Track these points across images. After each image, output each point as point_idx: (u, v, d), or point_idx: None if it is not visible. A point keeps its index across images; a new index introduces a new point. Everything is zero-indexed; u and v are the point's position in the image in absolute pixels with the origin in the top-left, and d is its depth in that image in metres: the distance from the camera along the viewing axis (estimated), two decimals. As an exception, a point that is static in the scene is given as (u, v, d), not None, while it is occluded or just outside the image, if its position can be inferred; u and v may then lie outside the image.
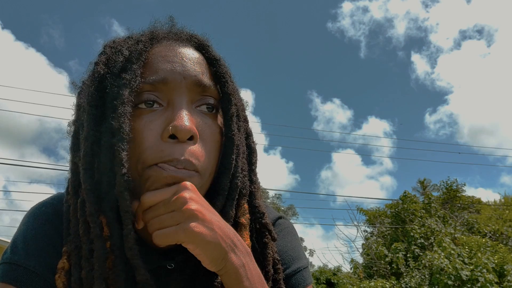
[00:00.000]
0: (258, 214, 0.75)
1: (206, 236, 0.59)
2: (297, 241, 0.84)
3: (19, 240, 0.69)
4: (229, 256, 0.61)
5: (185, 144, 0.63)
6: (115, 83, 0.64)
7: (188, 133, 0.62)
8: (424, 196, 13.78)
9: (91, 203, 0.62)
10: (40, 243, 0.68)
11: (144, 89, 0.65)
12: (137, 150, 0.63)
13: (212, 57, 0.71)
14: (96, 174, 0.63)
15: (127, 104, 0.62)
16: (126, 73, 0.64)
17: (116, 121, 0.61)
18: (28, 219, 0.72)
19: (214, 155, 0.68)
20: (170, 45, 0.70)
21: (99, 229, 0.61)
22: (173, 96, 0.65)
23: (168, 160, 0.62)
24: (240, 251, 0.62)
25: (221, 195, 0.68)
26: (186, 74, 0.66)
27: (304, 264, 0.80)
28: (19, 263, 0.66)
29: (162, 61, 0.67)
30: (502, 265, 10.25)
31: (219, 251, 0.60)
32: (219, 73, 0.70)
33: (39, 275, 0.66)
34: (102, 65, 0.67)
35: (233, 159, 0.69)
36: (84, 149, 0.64)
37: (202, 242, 0.59)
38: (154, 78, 0.65)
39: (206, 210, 0.61)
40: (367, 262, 13.21)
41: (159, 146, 0.63)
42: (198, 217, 0.59)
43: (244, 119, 0.77)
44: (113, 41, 0.71)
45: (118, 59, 0.66)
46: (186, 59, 0.68)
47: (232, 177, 0.70)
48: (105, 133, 0.62)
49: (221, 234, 0.60)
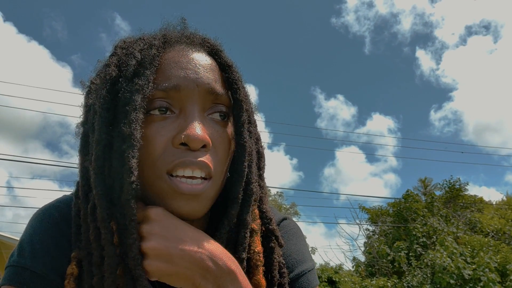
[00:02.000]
0: (266, 219, 0.74)
1: (162, 271, 0.59)
2: (302, 242, 0.83)
3: (25, 243, 0.69)
4: (198, 283, 0.60)
5: (198, 152, 0.63)
6: (127, 88, 0.63)
7: (201, 142, 0.62)
8: (427, 195, 13.77)
9: (103, 208, 0.61)
10: (47, 246, 0.68)
11: (156, 96, 0.64)
12: (149, 157, 0.62)
13: (225, 63, 0.71)
14: (107, 179, 0.63)
15: (139, 110, 0.61)
16: (139, 78, 0.63)
17: (127, 127, 0.60)
18: (34, 222, 0.71)
19: (225, 162, 0.67)
20: (183, 50, 0.69)
21: (110, 236, 0.61)
22: (186, 104, 0.64)
23: (181, 162, 0.62)
24: (212, 275, 0.60)
25: (235, 203, 0.68)
26: (199, 81, 0.65)
27: (309, 267, 0.80)
28: (25, 266, 0.66)
29: (175, 67, 0.66)
30: (504, 264, 10.26)
31: (184, 281, 0.60)
32: (231, 80, 0.70)
33: (45, 278, 0.65)
34: (114, 67, 0.66)
35: (245, 167, 0.69)
36: (96, 152, 0.63)
37: (161, 277, 0.60)
38: (166, 85, 0.64)
39: (166, 242, 0.60)
40: (369, 261, 13.24)
41: (171, 151, 0.62)
42: (153, 254, 0.59)
43: (254, 124, 0.77)
44: (123, 42, 0.70)
45: (131, 62, 0.65)
46: (200, 66, 0.67)
47: (246, 184, 0.69)
48: (116, 138, 0.62)
49: (185, 264, 0.60)
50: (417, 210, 12.56)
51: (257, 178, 0.73)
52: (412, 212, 12.63)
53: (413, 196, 13.19)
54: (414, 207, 12.65)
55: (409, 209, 12.70)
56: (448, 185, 14.94)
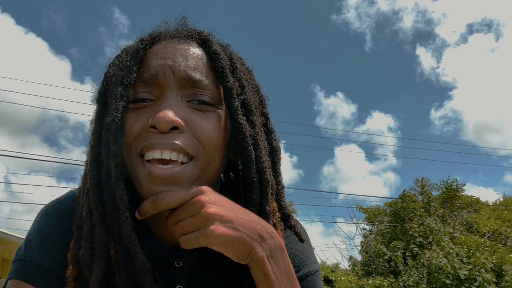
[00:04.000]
0: (284, 216, 0.75)
1: (228, 236, 0.60)
2: (308, 245, 0.84)
3: (33, 237, 0.70)
4: (255, 250, 0.62)
5: (169, 133, 0.64)
6: (111, 80, 0.67)
7: (169, 124, 0.62)
8: (424, 195, 13.80)
9: (94, 191, 0.65)
10: (54, 241, 0.69)
11: (139, 88, 0.67)
12: (127, 142, 0.65)
13: (213, 51, 0.71)
14: (99, 166, 0.66)
15: (120, 99, 0.65)
16: (122, 70, 0.67)
17: (109, 116, 0.64)
18: (41, 217, 0.72)
19: (211, 143, 0.66)
20: (169, 42, 0.71)
21: (100, 216, 0.64)
22: (163, 91, 0.66)
23: (148, 144, 0.63)
24: (268, 244, 0.63)
25: (254, 187, 0.68)
26: (175, 68, 0.67)
27: (315, 268, 0.80)
28: (32, 260, 0.67)
29: (155, 58, 0.69)
30: (500, 265, 10.30)
31: (244, 247, 0.61)
32: (218, 68, 0.70)
33: (52, 272, 0.66)
34: (113, 66, 0.70)
35: (251, 151, 0.68)
36: (91, 142, 0.68)
37: (225, 243, 0.60)
38: (146, 75, 0.67)
39: (226, 209, 0.62)
40: (366, 260, 13.26)
41: (143, 135, 0.64)
42: (217, 219, 0.60)
43: (262, 114, 0.77)
44: (128, 45, 0.73)
45: (124, 59, 0.69)
46: (179, 54, 0.69)
47: (259, 171, 0.69)
48: (104, 128, 0.66)
49: (245, 231, 0.61)
50: (414, 210, 12.58)
51: (270, 170, 0.72)
52: (409, 212, 12.65)
53: (410, 196, 13.21)
54: (411, 207, 12.68)
55: (406, 209, 12.72)
56: (445, 185, 14.98)
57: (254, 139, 0.70)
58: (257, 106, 0.75)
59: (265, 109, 0.79)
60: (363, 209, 14.86)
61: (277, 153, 0.77)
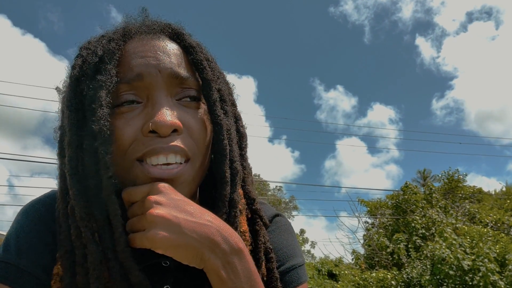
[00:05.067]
0: (249, 200, 0.74)
1: (171, 241, 0.57)
2: (293, 238, 0.83)
3: (11, 238, 0.68)
4: (207, 257, 0.59)
5: (169, 136, 0.62)
6: (91, 85, 0.63)
7: (170, 127, 0.62)
8: (425, 187, 13.79)
9: (81, 207, 0.62)
10: (32, 242, 0.67)
11: (122, 89, 0.64)
12: (119, 149, 0.62)
13: (188, 44, 0.70)
14: (82, 179, 0.63)
15: (105, 106, 0.61)
16: (101, 74, 0.63)
17: (96, 124, 0.60)
18: (20, 217, 0.71)
19: (203, 143, 0.67)
20: (143, 39, 0.69)
21: (90, 234, 0.61)
22: (151, 92, 0.64)
23: (151, 150, 0.62)
24: (221, 249, 0.59)
25: (225, 183, 0.67)
26: (161, 67, 0.65)
27: (299, 262, 0.79)
28: (10, 261, 0.65)
29: (135, 57, 0.66)
30: (503, 254, 10.29)
31: (192, 254, 0.58)
32: (196, 60, 0.69)
33: (30, 274, 0.65)
34: (78, 68, 0.66)
35: (226, 145, 0.68)
36: (69, 154, 0.64)
37: (168, 248, 0.58)
38: (129, 76, 0.64)
39: (176, 212, 0.59)
40: (369, 253, 13.28)
41: (140, 140, 0.62)
42: (161, 222, 0.58)
43: (231, 103, 0.76)
44: (88, 42, 0.70)
45: (93, 60, 0.65)
46: (160, 51, 0.67)
47: (230, 163, 0.68)
48: (87, 137, 0.62)
49: (194, 236, 0.58)
50: (416, 202, 12.58)
51: (239, 157, 0.72)
52: (411, 204, 12.65)
53: (412, 188, 13.20)
54: (413, 199, 12.67)
55: (408, 201, 12.71)
56: (447, 176, 14.96)
57: (228, 131, 0.69)
58: (228, 95, 0.74)
59: (232, 97, 0.78)
60: (365, 202, 14.85)
61: (244, 139, 0.76)
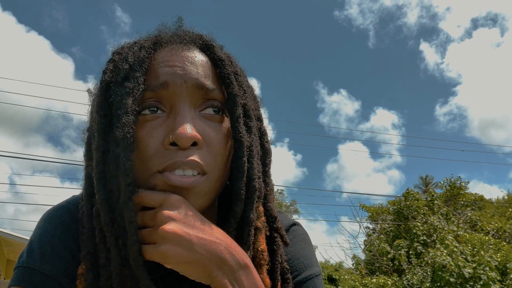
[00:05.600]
0: (270, 218, 0.74)
1: (182, 258, 0.59)
2: (310, 248, 0.83)
3: (35, 244, 0.69)
4: (215, 274, 0.60)
5: (189, 150, 0.63)
6: (118, 91, 0.64)
7: (190, 140, 0.62)
8: (427, 193, 13.75)
9: (105, 212, 0.62)
10: (56, 248, 0.68)
11: (147, 96, 0.65)
12: (142, 159, 0.63)
13: (217, 57, 0.70)
14: (107, 184, 0.64)
15: (131, 113, 0.62)
16: (129, 81, 0.64)
17: (120, 131, 0.61)
18: (43, 223, 0.72)
19: (222, 158, 0.67)
20: (173, 49, 0.69)
21: (114, 238, 0.62)
22: (175, 101, 0.65)
23: (171, 164, 0.62)
24: (229, 267, 0.60)
25: (239, 200, 0.67)
26: (187, 77, 0.65)
27: (316, 272, 0.79)
28: (34, 267, 0.66)
29: (163, 66, 0.66)
30: (505, 263, 10.24)
31: (200, 270, 0.60)
32: (224, 74, 0.69)
33: (54, 279, 0.65)
34: (109, 73, 0.67)
35: (245, 162, 0.68)
36: (96, 159, 0.64)
37: (178, 264, 0.59)
38: (155, 83, 0.65)
39: (188, 228, 0.60)
40: (369, 259, 13.23)
41: (162, 153, 0.63)
42: (173, 239, 0.59)
43: (257, 118, 0.76)
44: (121, 47, 0.71)
45: (123, 66, 0.66)
46: (188, 62, 0.67)
47: (248, 180, 0.68)
48: (112, 142, 0.63)
49: (203, 253, 0.59)
50: (417, 208, 12.54)
51: (260, 174, 0.72)
52: (412, 210, 12.61)
53: (413, 194, 13.17)
54: (415, 205, 12.63)
55: (409, 207, 12.67)
56: (449, 183, 14.92)
57: (250, 147, 0.69)
58: (254, 110, 0.75)
59: (259, 111, 0.78)
60: (366, 207, 14.81)
61: (268, 156, 0.76)
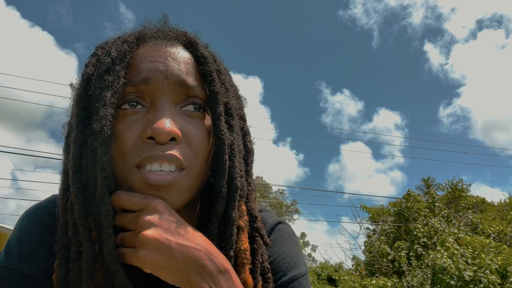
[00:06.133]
0: (251, 217, 0.73)
1: (159, 263, 0.59)
2: (296, 247, 0.82)
3: (13, 243, 0.68)
4: (193, 280, 0.60)
5: (167, 144, 0.62)
6: (98, 85, 0.64)
7: (168, 135, 0.61)
8: (428, 195, 13.73)
9: (79, 205, 0.62)
10: (34, 246, 0.67)
11: (128, 91, 0.65)
12: (120, 153, 0.63)
13: (200, 55, 0.70)
14: (83, 177, 0.63)
15: (109, 106, 0.62)
16: (109, 74, 0.64)
17: (97, 123, 0.61)
18: (22, 222, 0.71)
19: (202, 155, 0.66)
20: (156, 44, 0.69)
21: (87, 232, 0.62)
22: (156, 97, 0.65)
23: (148, 156, 0.62)
24: (209, 272, 0.60)
25: (220, 198, 0.67)
26: (168, 73, 0.65)
27: (302, 272, 0.79)
28: (12, 266, 0.65)
29: (145, 61, 0.66)
30: (505, 266, 10.23)
31: (178, 276, 0.60)
32: (206, 71, 0.69)
33: (32, 278, 0.65)
34: (91, 66, 0.67)
35: (226, 160, 0.68)
36: (73, 151, 0.64)
37: (156, 269, 0.59)
38: (136, 78, 0.65)
39: (167, 234, 0.60)
40: (369, 260, 13.23)
41: (139, 146, 0.63)
42: (151, 244, 0.59)
43: (240, 117, 0.76)
44: (105, 42, 0.71)
45: (105, 60, 0.66)
46: (170, 58, 0.67)
47: (230, 178, 0.68)
48: (89, 135, 0.63)
49: (182, 259, 0.59)
50: (418, 210, 12.53)
51: (243, 173, 0.72)
52: (413, 212, 12.60)
53: (414, 196, 13.16)
54: (416, 207, 12.62)
55: (410, 209, 12.67)
56: (451, 185, 14.90)
57: (231, 145, 0.69)
58: (236, 109, 0.74)
59: (242, 111, 0.78)
60: (367, 208, 14.81)
61: (251, 155, 0.76)
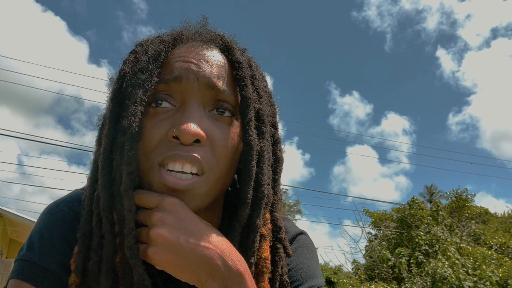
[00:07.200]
0: (275, 227, 0.73)
1: (169, 261, 0.59)
2: (314, 258, 0.82)
3: (35, 238, 0.69)
4: (205, 280, 0.60)
5: (191, 146, 0.63)
6: (131, 82, 0.65)
7: (192, 137, 0.61)
8: (432, 203, 13.66)
9: (105, 199, 0.63)
10: (56, 242, 0.68)
11: (159, 89, 0.65)
12: (145, 149, 0.64)
13: (235, 59, 0.70)
14: (112, 171, 0.64)
15: (139, 103, 0.63)
16: (143, 73, 0.64)
17: (126, 120, 0.62)
18: (44, 217, 0.72)
19: (225, 159, 0.66)
20: (192, 46, 0.69)
21: (110, 225, 0.63)
22: (186, 97, 0.65)
23: (171, 155, 0.62)
24: (221, 274, 0.59)
25: (244, 204, 0.66)
26: (199, 74, 0.66)
27: (318, 283, 0.78)
28: (34, 260, 0.66)
29: (179, 60, 0.67)
30: (506, 279, 10.16)
31: (189, 275, 0.60)
32: (240, 77, 0.69)
33: (54, 273, 0.66)
34: (128, 63, 0.68)
35: (253, 166, 0.67)
36: (104, 146, 0.65)
37: (165, 267, 0.60)
38: (168, 76, 0.66)
39: (178, 232, 0.60)
40: (369, 264, 13.19)
41: (164, 144, 0.63)
42: (160, 243, 0.59)
43: (272, 125, 0.76)
44: (145, 40, 0.72)
45: (142, 58, 0.66)
46: (204, 60, 0.67)
47: (256, 185, 0.68)
48: (119, 131, 0.63)
49: (192, 258, 0.59)
50: (421, 217, 12.47)
51: (270, 181, 0.71)
52: (416, 219, 12.54)
53: (419, 203, 13.09)
54: (419, 215, 12.56)
55: (414, 216, 12.61)
56: (455, 194, 14.81)
57: (260, 152, 0.68)
58: (268, 116, 0.74)
59: (275, 118, 0.78)
60: (370, 213, 14.76)
61: (279, 164, 0.76)
